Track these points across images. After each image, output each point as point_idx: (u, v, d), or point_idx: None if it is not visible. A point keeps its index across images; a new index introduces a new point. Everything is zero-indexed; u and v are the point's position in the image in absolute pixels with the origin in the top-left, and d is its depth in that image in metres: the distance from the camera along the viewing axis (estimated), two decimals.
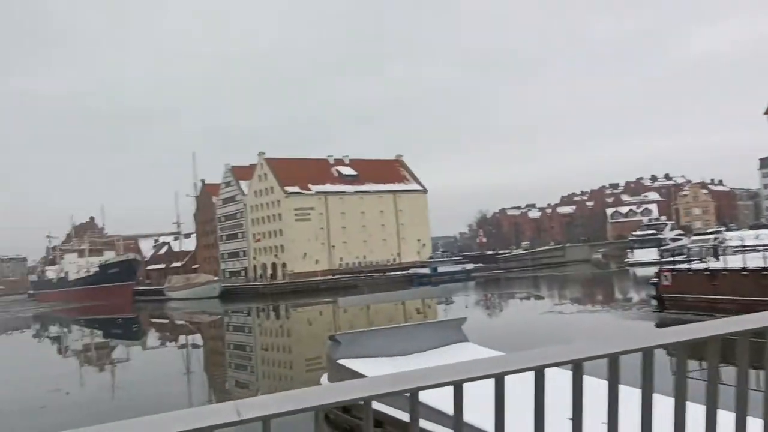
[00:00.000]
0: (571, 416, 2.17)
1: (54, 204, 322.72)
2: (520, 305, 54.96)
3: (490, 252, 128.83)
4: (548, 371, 2.06)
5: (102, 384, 28.47)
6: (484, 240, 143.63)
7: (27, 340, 60.14)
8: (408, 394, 1.94)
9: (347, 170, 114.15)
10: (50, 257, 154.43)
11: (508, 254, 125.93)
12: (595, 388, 2.38)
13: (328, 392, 1.83)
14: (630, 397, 2.40)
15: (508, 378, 2.01)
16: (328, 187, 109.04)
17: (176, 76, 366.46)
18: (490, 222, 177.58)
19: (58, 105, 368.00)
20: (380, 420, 13.31)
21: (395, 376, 1.92)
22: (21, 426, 19.55)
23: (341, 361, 16.24)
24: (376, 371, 14.58)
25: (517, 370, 2.01)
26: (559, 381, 2.50)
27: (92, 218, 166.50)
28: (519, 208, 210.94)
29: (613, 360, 2.14)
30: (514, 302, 57.74)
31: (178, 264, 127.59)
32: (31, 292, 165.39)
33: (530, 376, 2.08)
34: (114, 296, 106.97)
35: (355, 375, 14.94)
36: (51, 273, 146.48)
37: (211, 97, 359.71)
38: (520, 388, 2.24)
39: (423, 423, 2.10)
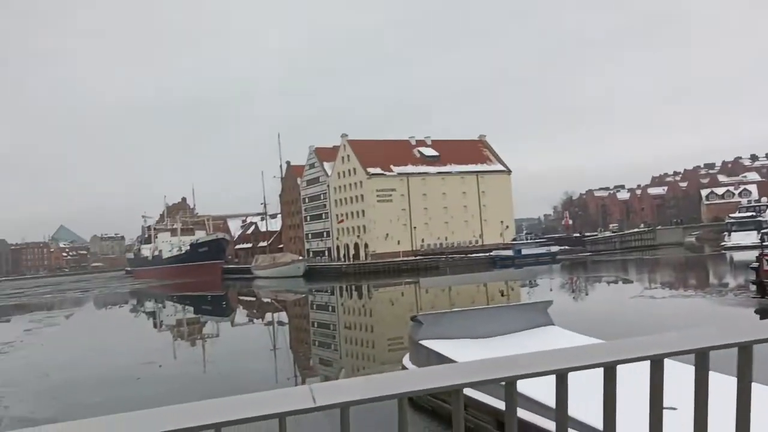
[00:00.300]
0: (670, 406, 1.88)
1: (149, 186, 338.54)
2: (607, 289, 53.25)
3: (576, 234, 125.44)
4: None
5: (193, 358, 29.59)
6: (570, 222, 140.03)
7: (124, 315, 63.45)
8: (503, 383, 1.71)
9: (429, 151, 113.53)
10: (145, 236, 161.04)
11: (596, 237, 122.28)
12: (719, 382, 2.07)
13: (414, 379, 1.63)
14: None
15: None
16: (410, 168, 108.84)
17: (267, 61, 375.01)
18: (577, 203, 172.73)
19: (155, 95, 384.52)
20: (464, 404, 13.03)
21: (488, 363, 1.70)
22: (117, 396, 20.52)
23: (423, 342, 16.10)
24: (460, 353, 14.35)
25: (631, 359, 1.74)
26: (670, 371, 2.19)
27: (184, 199, 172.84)
28: (607, 189, 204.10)
29: (745, 350, 1.83)
30: (601, 286, 56.01)
31: (265, 243, 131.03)
32: (128, 269, 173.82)
33: (639, 366, 1.80)
34: (204, 274, 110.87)
35: (438, 356, 14.77)
36: (146, 251, 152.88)
37: (298, 82, 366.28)
38: (625, 378, 1.96)
39: (518, 413, 1.87)
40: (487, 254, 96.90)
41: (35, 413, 18.73)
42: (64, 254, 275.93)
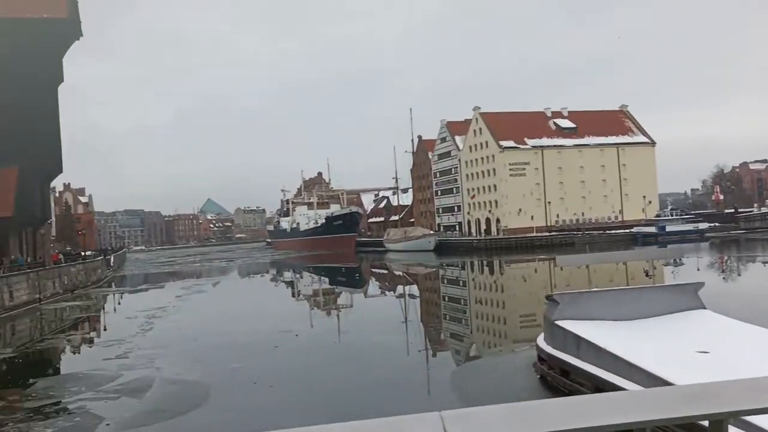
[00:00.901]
0: None
1: (288, 161, 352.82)
2: (764, 270, 48.87)
3: (729, 210, 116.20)
4: None
5: (328, 328, 30.39)
6: (721, 197, 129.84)
7: (265, 284, 66.70)
8: None
9: (565, 123, 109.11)
10: (284, 209, 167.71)
11: (751, 213, 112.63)
12: None
13: (600, 407, 1.17)
14: None
15: None
16: (545, 141, 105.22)
17: (399, 36, 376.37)
18: (729, 177, 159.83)
19: (307, 65, 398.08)
20: (601, 389, 12.32)
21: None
22: (255, 364, 21.41)
23: (560, 323, 15.35)
24: (600, 336, 13.50)
25: None
26: None
27: (320, 173, 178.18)
28: (764, 161, 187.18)
29: None
30: (756, 267, 51.50)
31: (396, 217, 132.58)
32: (269, 240, 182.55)
33: None
34: (339, 246, 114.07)
35: (577, 339, 14.01)
36: (284, 224, 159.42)
37: (430, 56, 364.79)
38: None
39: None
40: (628, 231, 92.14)
41: (182, 375, 19.97)
42: (212, 225, 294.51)
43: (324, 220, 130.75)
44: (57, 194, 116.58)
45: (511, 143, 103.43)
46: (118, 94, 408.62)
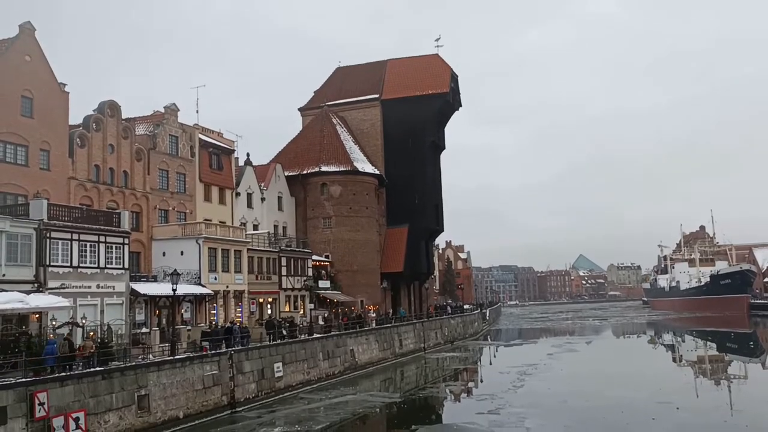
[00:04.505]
0: None
1: (664, 214, 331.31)
2: None
3: None
4: None
5: (717, 402, 26.68)
6: None
7: (641, 346, 62.29)
8: None
9: None
10: (662, 266, 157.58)
11: None
12: None
13: None
14: None
15: None
16: None
17: None
18: None
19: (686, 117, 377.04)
20: None
21: None
22: None
23: None
24: None
25: None
26: None
27: (702, 227, 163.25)
28: None
29: None
30: None
31: None
32: (644, 299, 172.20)
33: None
34: (727, 308, 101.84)
35: None
36: (662, 281, 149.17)
37: None
38: None
39: None
40: None
41: None
42: (583, 282, 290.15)
43: (708, 279, 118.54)
44: (440, 251, 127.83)
45: None
46: (496, 156, 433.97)
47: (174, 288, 26.62)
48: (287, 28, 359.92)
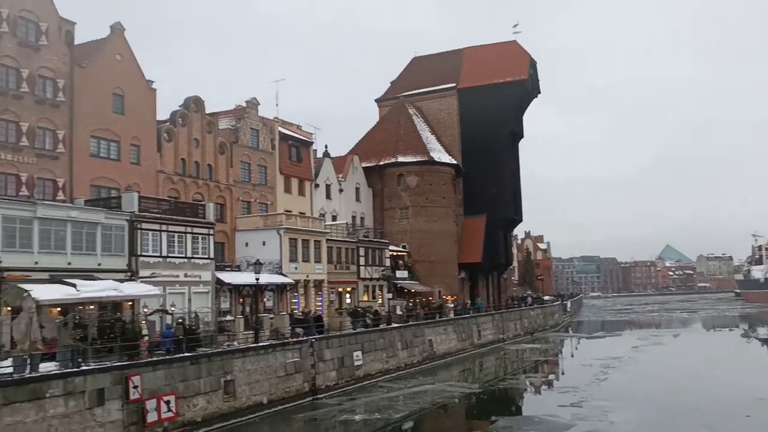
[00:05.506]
0: None
1: (760, 202, 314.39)
2: None
3: None
4: None
5: None
6: None
7: (734, 340, 59.35)
8: None
9: None
10: (756, 256, 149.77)
11: None
12: None
13: None
14: None
15: None
16: None
17: None
18: None
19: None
20: None
21: None
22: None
23: None
24: None
25: None
26: None
27: None
28: None
29: None
30: None
31: None
32: (737, 291, 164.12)
33: None
34: None
35: None
36: (757, 273, 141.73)
37: None
38: None
39: None
40: None
41: None
42: (670, 273, 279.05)
43: None
44: (519, 241, 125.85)
45: None
46: (578, 144, 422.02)
47: (257, 277, 27.36)
48: (364, 22, 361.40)
